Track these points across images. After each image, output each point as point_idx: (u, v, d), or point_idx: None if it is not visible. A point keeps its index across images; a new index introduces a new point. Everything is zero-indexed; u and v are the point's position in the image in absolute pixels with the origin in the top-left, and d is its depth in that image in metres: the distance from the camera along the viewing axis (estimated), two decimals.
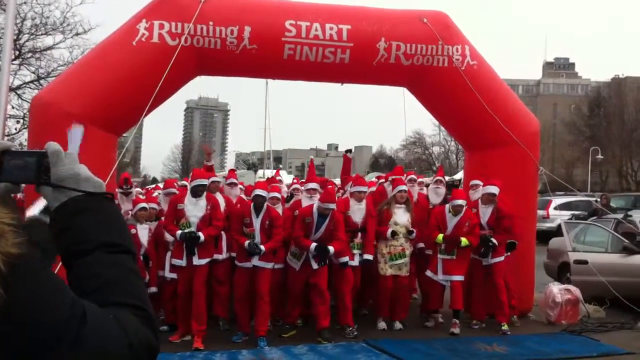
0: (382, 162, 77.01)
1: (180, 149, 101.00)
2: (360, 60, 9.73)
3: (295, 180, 11.26)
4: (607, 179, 61.68)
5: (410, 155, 74.70)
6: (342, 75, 10.26)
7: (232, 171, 12.77)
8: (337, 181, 14.70)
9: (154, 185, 18.09)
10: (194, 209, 8.68)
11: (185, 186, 11.80)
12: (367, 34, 9.73)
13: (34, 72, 23.50)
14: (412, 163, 66.34)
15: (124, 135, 10.55)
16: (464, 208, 9.61)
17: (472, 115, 10.25)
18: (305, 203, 9.66)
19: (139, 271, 1.39)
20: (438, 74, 10.13)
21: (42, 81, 21.96)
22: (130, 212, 10.42)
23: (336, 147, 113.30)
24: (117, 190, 11.03)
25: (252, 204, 8.85)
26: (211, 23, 9.21)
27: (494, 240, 9.67)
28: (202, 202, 8.73)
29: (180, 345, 8.47)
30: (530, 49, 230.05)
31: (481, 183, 10.25)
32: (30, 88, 22.31)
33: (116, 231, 1.38)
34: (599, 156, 47.12)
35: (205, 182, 8.89)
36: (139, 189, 13.14)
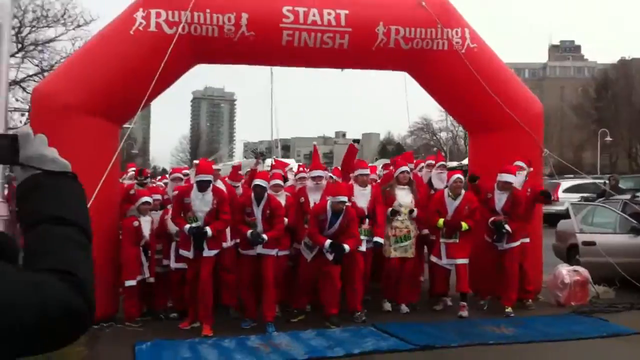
0: (390, 149, 76.80)
1: (188, 140, 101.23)
2: (359, 45, 9.65)
3: (301, 168, 11.21)
4: (616, 161, 61.31)
5: (418, 141, 74.50)
6: (342, 60, 10.18)
7: (235, 168, 12.50)
8: None
9: (161, 176, 18.14)
10: (201, 204, 8.70)
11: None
12: (365, 18, 9.64)
13: (37, 65, 23.55)
14: (420, 149, 66.14)
15: (125, 125, 10.52)
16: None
17: (474, 98, 10.15)
18: (310, 191, 9.66)
19: (84, 243, 1.46)
20: (438, 58, 10.03)
21: (45, 74, 21.99)
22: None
23: (344, 135, 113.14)
24: (134, 182, 11.12)
25: (252, 193, 8.84)
26: (208, 11, 9.13)
27: (508, 227, 9.59)
28: (209, 196, 8.74)
29: (190, 332, 8.58)
30: (535, 33, 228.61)
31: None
32: (34, 81, 22.35)
33: (67, 206, 1.48)
34: (608, 139, 46.82)
35: (210, 177, 8.84)
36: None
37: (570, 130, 66.14)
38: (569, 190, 23.29)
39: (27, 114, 21.21)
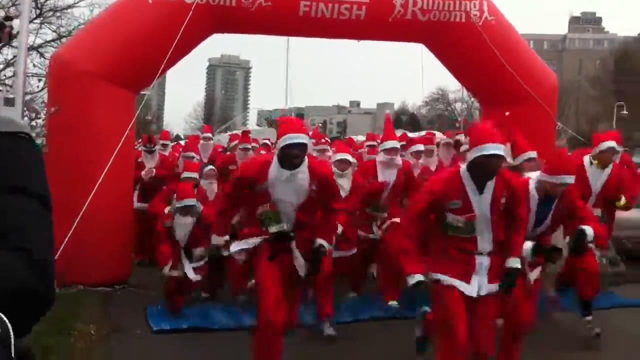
0: (405, 119, 76.52)
1: (202, 107, 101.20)
2: (376, 16, 9.65)
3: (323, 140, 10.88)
4: (632, 135, 60.74)
5: (432, 111, 74.11)
6: (358, 32, 10.18)
7: (246, 133, 12.60)
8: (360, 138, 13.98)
9: (175, 143, 18.23)
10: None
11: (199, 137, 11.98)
12: None
13: (55, 31, 23.63)
14: (435, 119, 65.79)
15: (142, 92, 10.63)
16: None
17: (489, 71, 10.16)
18: (383, 167, 8.09)
19: (45, 217, 1.34)
20: (455, 30, 10.02)
21: (63, 40, 22.09)
22: (153, 170, 10.59)
23: (358, 104, 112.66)
24: (141, 148, 11.22)
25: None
26: None
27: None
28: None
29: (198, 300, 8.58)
30: (556, 4, 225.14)
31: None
32: (52, 47, 22.46)
33: (27, 174, 1.34)
34: (624, 112, 46.39)
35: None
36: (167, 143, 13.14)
37: (588, 103, 65.53)
38: None
39: (44, 79, 21.37)
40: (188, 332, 7.10)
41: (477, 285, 4.80)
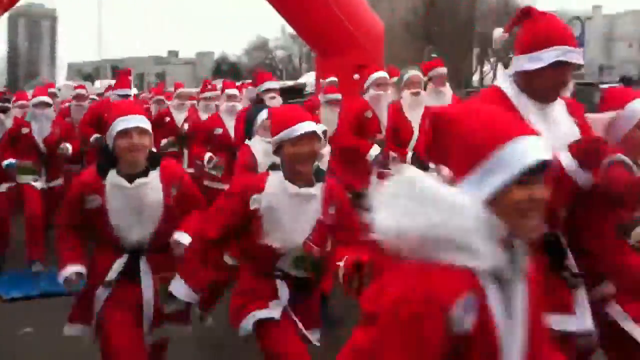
0: (225, 69, 75.98)
1: (5, 61, 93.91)
2: None
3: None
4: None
5: (253, 60, 74.11)
6: None
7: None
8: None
9: None
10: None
11: None
12: None
13: None
14: (256, 69, 65.82)
15: None
16: None
17: (320, 17, 10.35)
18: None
19: None
20: None
21: None
22: None
23: (177, 54, 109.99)
24: None
25: None
26: None
27: None
28: None
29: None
30: None
31: None
32: None
33: None
34: (434, 55, 49.28)
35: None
36: None
37: (398, 47, 68.66)
38: None
39: None
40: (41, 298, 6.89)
41: None
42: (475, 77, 63.54)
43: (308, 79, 25.82)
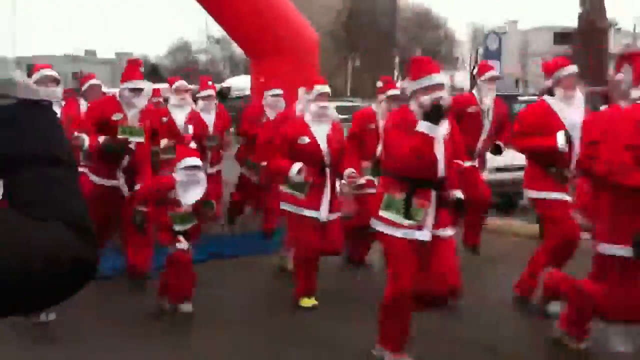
0: (146, 70, 74.41)
1: None
2: None
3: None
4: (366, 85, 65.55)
5: (174, 63, 72.86)
6: None
7: None
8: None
9: None
10: None
11: None
12: None
13: None
14: (178, 72, 64.69)
15: None
16: None
17: (253, 21, 10.15)
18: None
19: (75, 183, 1.30)
20: None
21: None
22: None
23: (94, 53, 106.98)
24: None
25: None
26: None
27: None
28: None
29: None
30: None
31: None
32: None
33: (54, 143, 1.27)
34: (357, 64, 49.90)
35: None
36: None
37: (324, 56, 69.04)
38: None
39: None
40: None
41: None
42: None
43: (232, 82, 25.66)
